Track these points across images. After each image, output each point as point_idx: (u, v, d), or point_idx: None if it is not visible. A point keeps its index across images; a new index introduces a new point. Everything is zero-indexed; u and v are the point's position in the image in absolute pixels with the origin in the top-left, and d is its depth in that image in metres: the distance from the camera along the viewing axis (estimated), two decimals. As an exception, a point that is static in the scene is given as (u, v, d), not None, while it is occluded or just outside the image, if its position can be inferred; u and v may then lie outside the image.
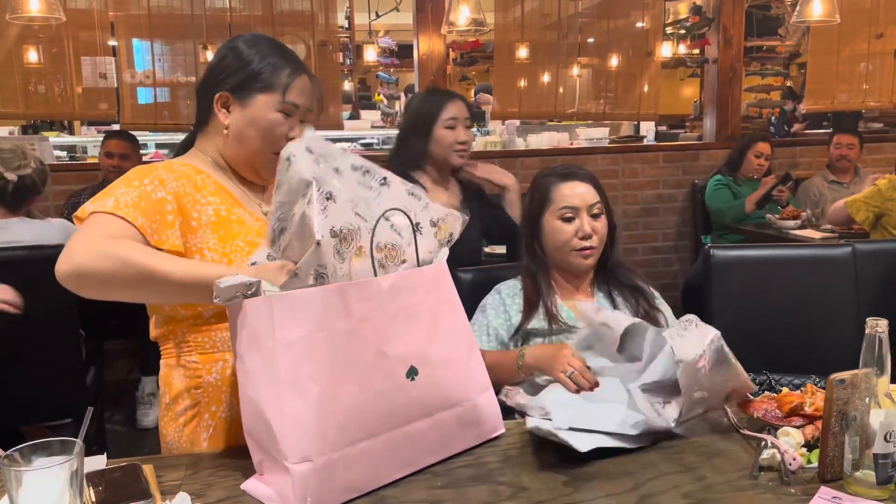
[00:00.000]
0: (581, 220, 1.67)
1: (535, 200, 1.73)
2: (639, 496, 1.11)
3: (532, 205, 1.74)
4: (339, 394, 1.09)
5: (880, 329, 1.09)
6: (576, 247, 1.68)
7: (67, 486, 0.92)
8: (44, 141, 4.66)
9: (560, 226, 1.68)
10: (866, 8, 5.10)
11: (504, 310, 1.73)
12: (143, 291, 1.23)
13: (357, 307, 1.12)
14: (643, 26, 5.18)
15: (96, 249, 1.17)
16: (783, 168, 4.76)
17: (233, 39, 1.43)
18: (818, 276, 2.22)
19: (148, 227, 1.24)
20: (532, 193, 1.75)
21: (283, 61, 1.38)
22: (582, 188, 1.69)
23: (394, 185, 1.25)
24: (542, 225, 1.71)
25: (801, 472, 1.17)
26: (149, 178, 1.30)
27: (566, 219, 1.67)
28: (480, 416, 1.29)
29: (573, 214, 1.67)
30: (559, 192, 1.69)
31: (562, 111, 5.17)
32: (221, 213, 1.34)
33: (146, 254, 1.19)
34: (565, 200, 1.68)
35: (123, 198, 1.25)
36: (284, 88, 1.36)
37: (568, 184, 1.70)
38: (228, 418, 1.34)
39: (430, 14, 4.52)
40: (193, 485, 1.16)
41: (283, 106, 1.36)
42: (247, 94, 1.36)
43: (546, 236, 1.71)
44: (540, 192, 1.72)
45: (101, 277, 1.17)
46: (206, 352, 1.34)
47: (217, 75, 1.39)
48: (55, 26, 4.05)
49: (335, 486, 1.09)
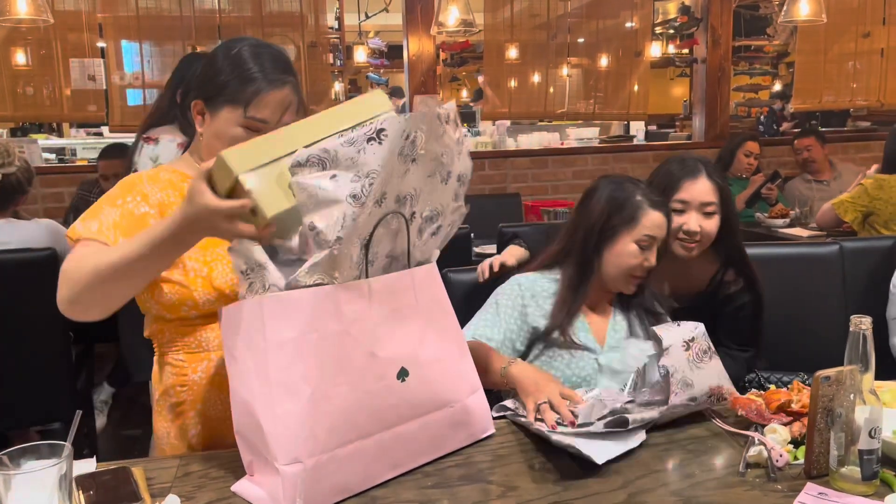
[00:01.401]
0: (653, 252, 1.64)
1: (621, 214, 1.63)
2: (627, 494, 1.12)
3: (613, 214, 1.64)
4: (330, 395, 1.09)
5: (864, 326, 1.10)
6: (636, 274, 1.64)
7: (56, 489, 0.91)
8: (32, 143, 4.64)
9: (634, 250, 1.62)
10: (853, 7, 5.14)
11: (522, 309, 1.65)
12: (127, 284, 1.21)
13: (348, 308, 1.12)
14: (632, 26, 5.21)
15: (71, 277, 1.19)
16: (772, 167, 4.79)
17: (221, 44, 1.39)
18: (806, 274, 2.24)
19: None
20: (616, 202, 1.64)
21: (254, 73, 1.30)
22: (664, 221, 1.65)
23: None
24: (616, 239, 1.63)
25: (788, 468, 1.18)
26: (132, 194, 1.32)
27: (643, 246, 1.62)
28: (471, 417, 1.30)
29: (649, 244, 1.63)
30: (648, 218, 1.62)
31: (552, 111, 5.19)
32: None
33: (107, 253, 1.19)
34: (650, 230, 1.62)
35: (106, 219, 1.27)
36: (247, 103, 1.29)
37: (659, 213, 1.63)
38: (214, 416, 1.35)
39: (419, 15, 4.53)
40: (183, 487, 1.15)
41: (245, 122, 1.29)
42: (214, 106, 1.32)
43: (614, 253, 1.63)
44: (629, 209, 1.63)
45: (88, 298, 1.19)
46: (191, 351, 1.36)
47: (196, 82, 1.38)
48: (43, 28, 4.03)
49: (325, 487, 1.09)
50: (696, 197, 1.76)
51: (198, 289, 1.31)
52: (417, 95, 4.56)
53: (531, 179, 4.87)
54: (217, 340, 1.33)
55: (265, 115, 1.30)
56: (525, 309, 1.65)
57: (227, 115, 1.30)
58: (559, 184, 4.93)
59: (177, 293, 1.31)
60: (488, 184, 4.80)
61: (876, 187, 3.40)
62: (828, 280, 2.23)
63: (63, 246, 2.62)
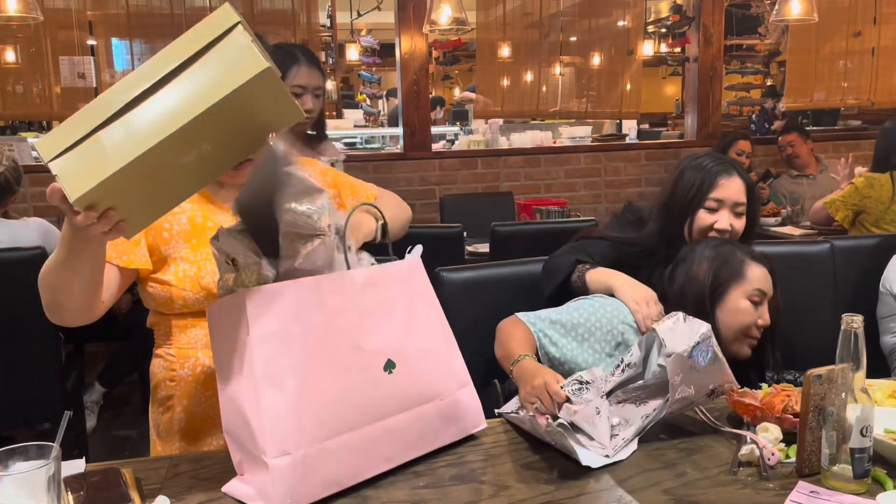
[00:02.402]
0: (764, 307, 1.60)
1: (725, 270, 1.60)
2: (620, 493, 1.12)
3: (721, 272, 1.60)
4: (316, 387, 1.09)
5: (856, 325, 1.10)
6: (752, 335, 1.60)
7: (45, 490, 0.91)
8: (22, 142, 4.60)
9: (748, 307, 1.58)
10: (844, 6, 5.16)
11: (615, 335, 1.57)
12: (64, 288, 1.19)
13: (331, 300, 1.13)
14: (625, 25, 5.21)
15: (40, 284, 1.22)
16: (763, 166, 4.81)
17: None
18: (797, 272, 2.24)
19: (112, 253, 1.28)
20: (719, 261, 1.61)
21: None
22: (766, 273, 1.63)
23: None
24: (727, 298, 1.59)
25: (780, 466, 1.18)
26: None
27: (755, 302, 1.59)
28: (461, 411, 1.29)
29: (761, 300, 1.60)
30: (753, 272, 1.60)
31: (544, 110, 5.19)
32: (196, 221, 1.36)
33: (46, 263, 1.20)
34: (759, 283, 1.59)
35: None
36: None
37: (760, 266, 1.61)
38: (198, 414, 1.37)
39: (411, 13, 4.52)
40: (174, 488, 1.15)
41: None
42: None
43: (727, 311, 1.59)
44: (730, 266, 1.60)
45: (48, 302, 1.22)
46: (181, 347, 1.37)
47: None
48: (33, 26, 4.01)
49: (315, 480, 1.09)
50: (731, 196, 1.74)
51: (186, 288, 1.32)
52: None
53: (524, 178, 4.87)
54: (205, 339, 1.34)
55: None
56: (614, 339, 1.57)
57: None
58: (552, 182, 4.93)
59: (167, 292, 1.32)
60: (481, 182, 4.80)
61: (866, 186, 3.43)
62: (819, 278, 2.23)
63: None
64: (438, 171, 4.72)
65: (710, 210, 1.74)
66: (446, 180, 4.73)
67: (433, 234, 3.03)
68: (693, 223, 1.74)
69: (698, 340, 1.27)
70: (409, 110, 4.64)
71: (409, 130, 4.67)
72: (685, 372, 1.26)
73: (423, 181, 4.69)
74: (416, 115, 4.65)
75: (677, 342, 1.27)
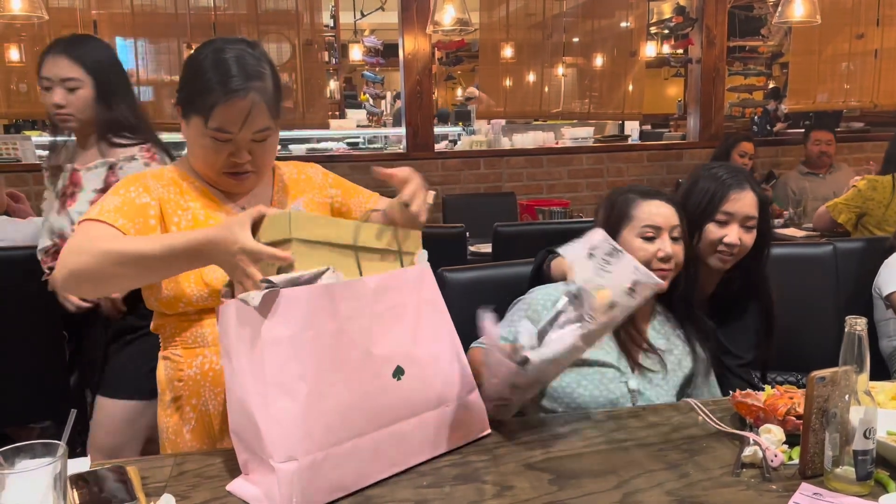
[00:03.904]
0: (663, 240, 1.59)
1: (614, 216, 1.62)
2: (623, 494, 1.12)
3: (609, 220, 1.62)
4: (325, 393, 1.09)
5: (859, 327, 1.10)
6: (654, 267, 1.56)
7: (51, 488, 0.91)
8: (26, 140, 4.61)
9: (640, 244, 1.57)
10: (847, 8, 5.15)
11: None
12: (131, 276, 1.25)
13: (344, 306, 1.12)
14: (627, 26, 5.21)
15: (79, 250, 1.23)
16: (766, 167, 4.81)
17: (204, 44, 1.36)
18: (800, 274, 2.24)
19: (130, 228, 1.28)
20: (609, 209, 1.65)
21: (213, 84, 1.28)
22: (665, 209, 1.61)
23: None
24: (620, 240, 1.58)
25: (783, 468, 1.18)
26: (134, 185, 1.35)
27: (647, 238, 1.58)
28: (467, 417, 1.30)
29: (654, 234, 1.58)
30: (642, 209, 1.60)
31: (547, 111, 5.19)
32: (199, 218, 1.37)
33: (123, 241, 1.24)
34: (649, 219, 1.59)
35: (107, 204, 1.30)
36: (207, 115, 1.29)
37: (653, 202, 1.61)
38: (207, 413, 1.37)
39: (415, 13, 4.52)
40: (178, 486, 1.15)
41: (209, 132, 1.30)
42: (187, 112, 1.34)
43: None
44: (619, 209, 1.62)
45: (89, 273, 1.21)
46: (188, 346, 1.37)
47: (179, 82, 1.39)
48: (37, 25, 4.02)
49: (321, 485, 1.09)
50: (742, 210, 1.72)
51: (190, 285, 1.32)
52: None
53: (526, 179, 4.87)
54: (212, 336, 1.35)
55: (227, 126, 1.30)
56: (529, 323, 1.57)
57: (195, 125, 1.32)
58: (554, 183, 4.93)
59: (171, 290, 1.33)
60: (483, 183, 4.81)
61: (869, 188, 3.44)
62: (822, 280, 2.24)
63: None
64: (441, 172, 4.73)
65: (719, 223, 1.73)
66: (449, 180, 4.74)
67: (435, 235, 3.03)
68: (702, 235, 1.73)
69: (593, 244, 1.30)
70: (412, 110, 4.65)
71: (412, 130, 4.67)
72: (591, 275, 1.27)
73: (426, 181, 4.68)
74: (419, 115, 4.66)
75: (574, 251, 1.32)
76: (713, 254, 1.74)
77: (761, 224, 1.76)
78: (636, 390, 1.54)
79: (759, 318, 1.82)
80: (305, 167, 1.55)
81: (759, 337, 1.82)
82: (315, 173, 1.54)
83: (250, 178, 1.38)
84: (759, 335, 1.82)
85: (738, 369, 1.72)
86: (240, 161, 1.33)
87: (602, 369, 1.55)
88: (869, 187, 3.44)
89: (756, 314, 1.83)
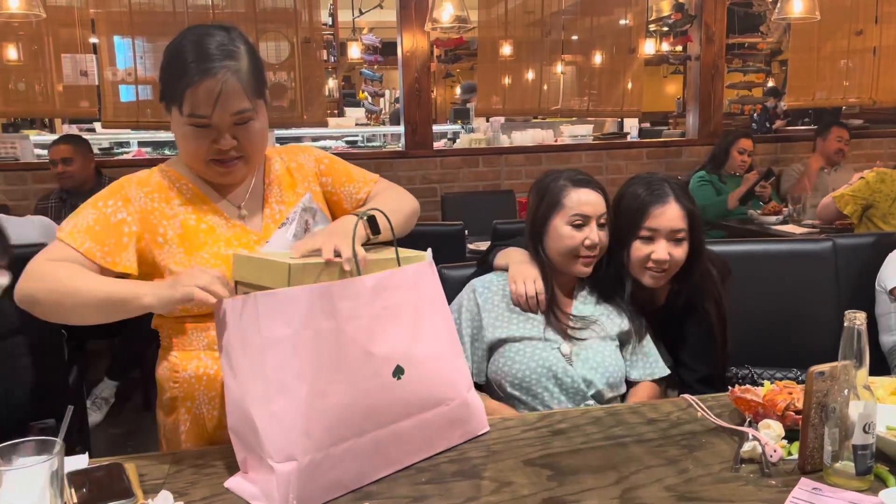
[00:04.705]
0: (590, 228, 1.63)
1: (545, 204, 1.67)
2: (622, 489, 1.12)
3: (540, 207, 1.68)
4: (325, 393, 1.09)
5: (858, 322, 1.10)
6: (581, 254, 1.63)
7: (48, 485, 0.91)
8: (24, 139, 4.61)
9: (569, 232, 1.63)
10: (846, 5, 5.15)
11: (478, 312, 1.66)
12: (70, 315, 1.26)
13: (343, 306, 1.12)
14: (626, 23, 5.21)
15: (36, 276, 1.25)
16: (765, 164, 4.80)
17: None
18: (799, 270, 2.24)
19: (97, 252, 1.28)
20: (540, 196, 1.69)
21: (184, 66, 1.24)
22: (594, 197, 1.65)
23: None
24: (549, 229, 1.66)
25: (782, 463, 1.18)
26: (114, 198, 1.33)
27: (576, 226, 1.63)
28: (467, 414, 1.29)
29: (583, 222, 1.63)
30: (571, 198, 1.64)
31: (546, 108, 5.18)
32: (190, 224, 1.34)
33: (68, 277, 1.24)
34: (578, 208, 1.63)
35: (81, 222, 1.30)
36: (180, 101, 1.26)
37: (582, 190, 1.65)
38: (203, 415, 1.36)
39: (413, 11, 4.52)
40: (176, 483, 1.15)
41: (186, 119, 1.27)
42: (168, 106, 1.31)
43: (552, 240, 1.66)
44: (550, 196, 1.66)
45: (34, 302, 1.25)
46: (184, 349, 1.37)
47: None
48: (35, 23, 4.01)
49: (320, 484, 1.09)
50: (666, 224, 1.67)
51: None
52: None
53: (525, 176, 4.87)
54: (207, 341, 1.34)
55: (201, 110, 1.26)
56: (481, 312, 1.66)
57: (175, 115, 1.30)
58: (553, 181, 4.92)
59: None
60: (482, 180, 4.80)
61: (878, 180, 3.50)
62: (821, 276, 2.23)
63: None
64: (440, 169, 4.72)
65: (645, 240, 1.68)
66: (447, 178, 4.74)
67: (435, 232, 3.03)
68: (630, 253, 1.69)
69: (293, 232, 1.30)
70: (411, 108, 4.64)
71: (411, 128, 4.67)
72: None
73: (425, 179, 4.69)
74: (418, 113, 4.65)
75: (279, 239, 1.31)
76: (644, 271, 1.70)
77: (692, 235, 1.70)
78: (568, 354, 1.61)
79: (703, 331, 1.76)
80: (297, 154, 1.50)
81: (707, 350, 1.76)
82: (307, 160, 1.50)
83: (238, 166, 1.34)
84: (708, 349, 1.76)
85: (696, 384, 1.69)
86: (223, 147, 1.29)
87: (532, 342, 1.62)
88: (878, 179, 3.49)
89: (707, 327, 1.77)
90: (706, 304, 1.75)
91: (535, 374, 1.58)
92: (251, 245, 1.36)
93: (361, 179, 1.54)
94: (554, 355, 1.60)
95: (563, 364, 1.59)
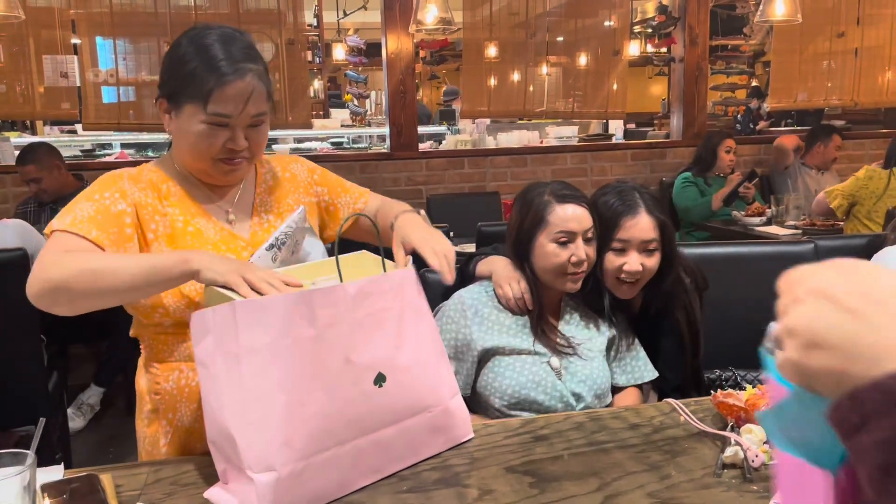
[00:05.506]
0: (576, 245, 1.60)
1: (529, 220, 1.63)
2: (604, 496, 1.12)
3: (524, 224, 1.64)
4: (305, 402, 1.07)
5: (839, 327, 1.10)
6: (568, 271, 1.60)
7: (19, 498, 0.89)
8: (5, 142, 4.56)
9: (555, 249, 1.59)
10: (828, 7, 5.19)
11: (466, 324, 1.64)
12: (108, 295, 1.20)
13: (323, 313, 1.10)
14: (611, 25, 5.22)
15: (54, 264, 1.18)
16: (748, 165, 4.83)
17: (184, 33, 1.33)
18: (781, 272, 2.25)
19: (105, 240, 1.24)
20: (523, 211, 1.66)
21: (214, 63, 1.25)
22: (580, 212, 1.62)
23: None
24: (534, 246, 1.63)
25: (764, 469, 1.18)
26: (110, 190, 1.30)
27: (561, 243, 1.60)
28: (450, 422, 1.28)
29: (568, 239, 1.60)
30: (556, 214, 1.61)
31: (531, 110, 5.19)
32: (178, 225, 1.33)
33: (100, 258, 1.20)
34: (563, 225, 1.60)
35: (80, 213, 1.26)
36: (206, 99, 1.25)
37: (567, 206, 1.61)
38: (184, 427, 1.34)
39: (398, 13, 4.50)
40: (154, 494, 1.13)
41: (207, 118, 1.26)
42: (178, 102, 1.28)
43: (537, 258, 1.63)
44: (534, 213, 1.63)
45: (65, 290, 1.17)
46: (164, 360, 1.35)
47: (161, 77, 1.34)
48: (15, 24, 3.96)
49: (300, 494, 1.08)
50: (637, 235, 1.66)
51: (167, 295, 1.29)
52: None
53: (510, 178, 4.87)
54: (188, 352, 1.32)
55: (227, 110, 1.26)
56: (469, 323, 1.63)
57: (189, 112, 1.27)
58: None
59: (149, 300, 1.29)
60: (468, 182, 4.80)
61: (867, 177, 3.61)
62: (803, 279, 2.25)
63: (33, 246, 2.57)
64: (425, 171, 4.71)
65: (617, 251, 1.67)
66: (433, 180, 4.73)
67: (419, 235, 3.01)
68: (603, 265, 1.68)
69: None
70: (396, 110, 4.63)
71: (396, 130, 4.65)
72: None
73: (410, 181, 4.68)
74: (403, 114, 4.64)
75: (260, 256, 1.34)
76: (618, 283, 1.69)
77: (664, 246, 1.69)
78: (558, 368, 1.60)
79: (674, 340, 1.76)
80: (289, 163, 1.51)
81: (678, 359, 1.77)
82: (300, 170, 1.50)
83: (243, 165, 1.34)
84: (678, 358, 1.77)
85: (672, 393, 1.69)
86: (238, 147, 1.29)
87: (521, 356, 1.61)
88: (866, 177, 3.59)
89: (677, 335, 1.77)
90: (676, 312, 1.75)
91: (524, 389, 1.56)
92: (238, 251, 1.34)
93: (356, 191, 1.57)
94: (544, 369, 1.59)
95: (552, 378, 1.58)
